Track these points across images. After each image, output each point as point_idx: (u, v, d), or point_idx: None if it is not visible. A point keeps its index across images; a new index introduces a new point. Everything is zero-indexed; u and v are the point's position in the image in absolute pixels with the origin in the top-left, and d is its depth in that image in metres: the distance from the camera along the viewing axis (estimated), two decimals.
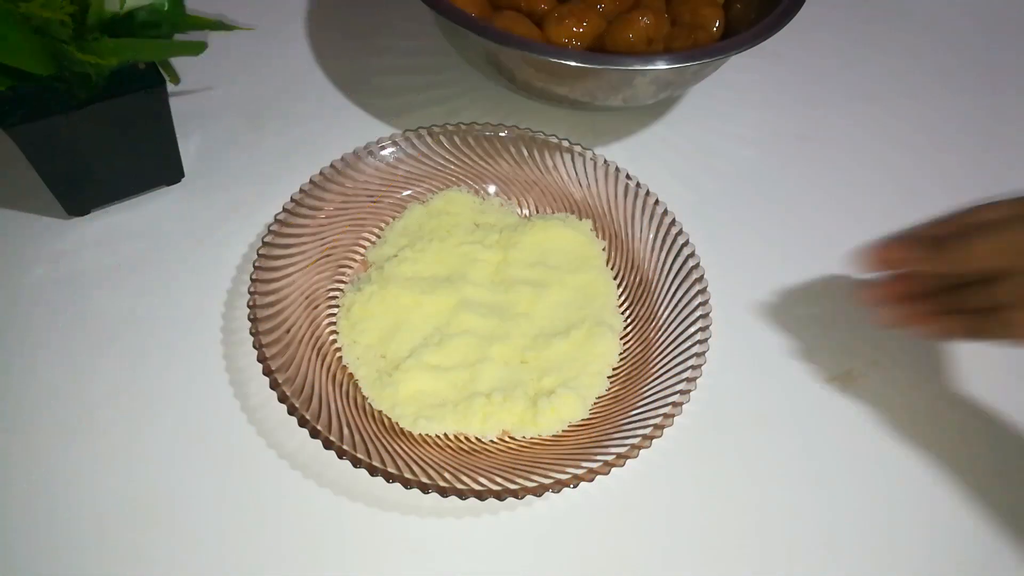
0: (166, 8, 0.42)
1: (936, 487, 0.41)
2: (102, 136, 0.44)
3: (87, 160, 0.44)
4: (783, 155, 0.58)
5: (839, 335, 0.47)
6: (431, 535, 0.38)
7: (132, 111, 0.44)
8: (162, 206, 0.49)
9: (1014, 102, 0.65)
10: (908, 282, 0.40)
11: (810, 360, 0.46)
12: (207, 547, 0.37)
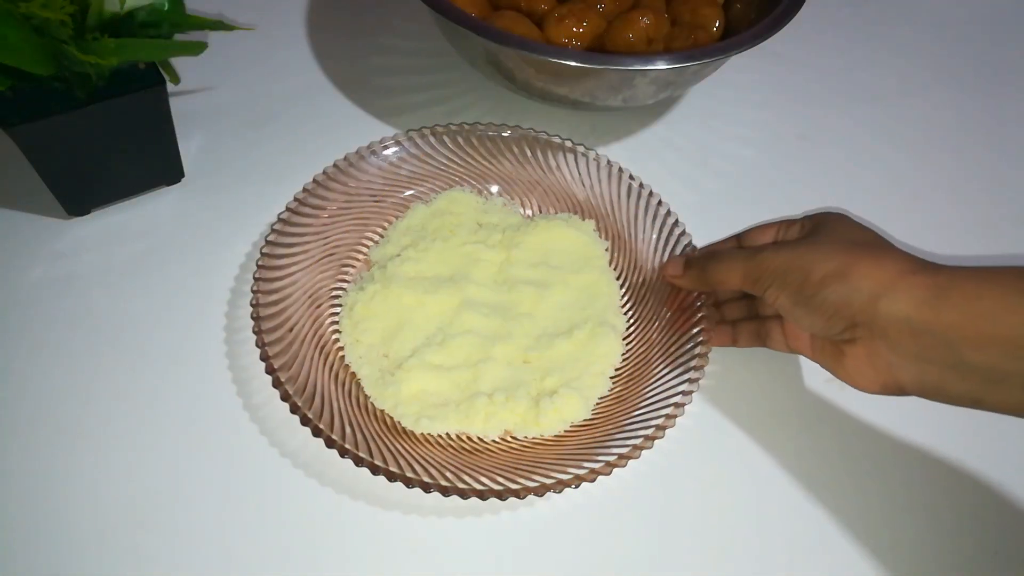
0: (166, 8, 0.42)
1: (936, 487, 0.41)
2: (102, 136, 0.44)
3: (87, 160, 0.44)
4: (783, 155, 0.58)
5: None
6: (432, 534, 0.38)
7: (132, 111, 0.44)
8: (162, 206, 0.49)
9: (1014, 102, 0.65)
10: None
11: (811, 360, 0.46)
12: (208, 546, 0.37)
